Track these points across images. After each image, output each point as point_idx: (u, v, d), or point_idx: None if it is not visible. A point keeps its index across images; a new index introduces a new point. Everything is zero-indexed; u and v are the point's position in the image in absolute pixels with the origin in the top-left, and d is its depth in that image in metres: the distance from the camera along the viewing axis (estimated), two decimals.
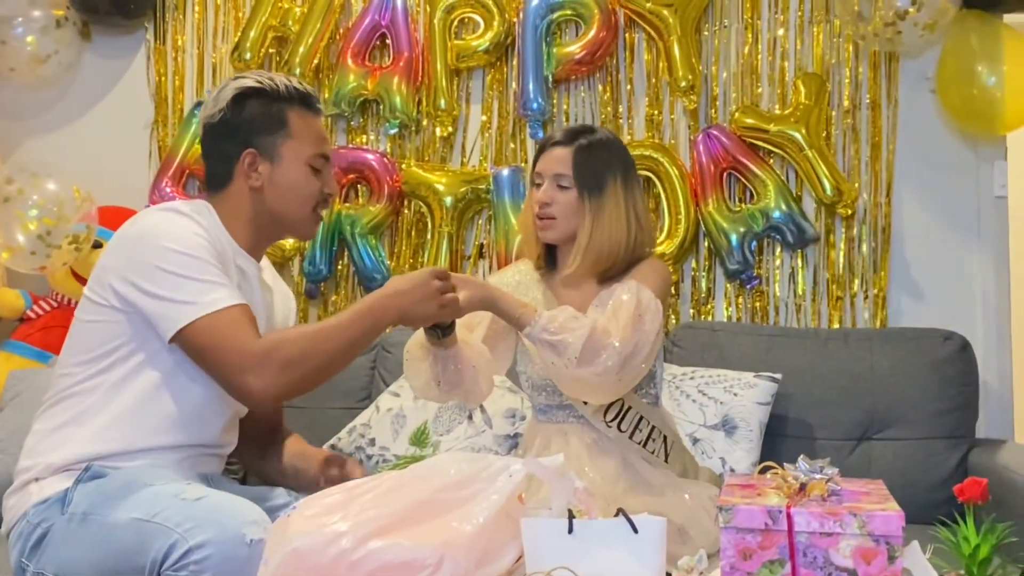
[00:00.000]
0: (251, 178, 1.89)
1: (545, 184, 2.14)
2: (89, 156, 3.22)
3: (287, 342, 1.75)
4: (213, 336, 1.73)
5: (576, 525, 1.46)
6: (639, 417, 2.11)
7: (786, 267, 2.98)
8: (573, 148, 2.13)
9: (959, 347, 2.71)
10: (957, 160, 2.96)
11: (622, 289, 2.06)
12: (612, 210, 2.11)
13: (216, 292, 1.75)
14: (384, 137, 3.14)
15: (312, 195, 1.92)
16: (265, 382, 1.73)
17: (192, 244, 1.77)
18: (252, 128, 1.89)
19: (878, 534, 1.32)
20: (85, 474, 1.75)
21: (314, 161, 1.92)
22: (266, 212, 1.91)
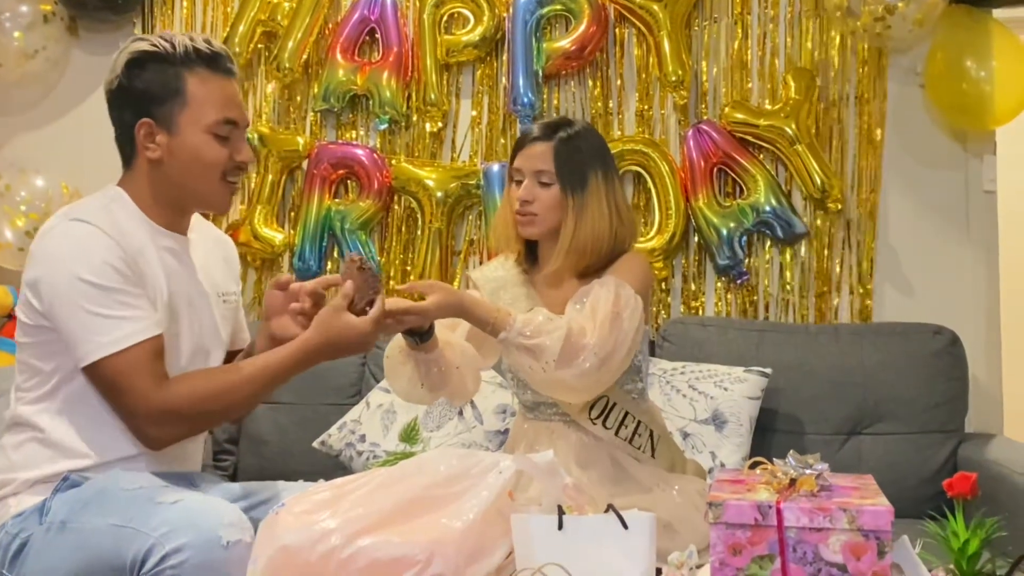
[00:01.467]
0: (149, 149, 1.78)
1: (526, 181, 2.10)
2: (77, 152, 3.20)
3: (189, 397, 1.71)
4: (115, 377, 1.69)
5: (566, 521, 1.46)
6: (624, 413, 2.10)
7: (776, 262, 2.98)
8: (553, 143, 2.09)
9: (948, 342, 2.72)
10: (946, 155, 2.97)
11: (600, 285, 2.03)
12: (594, 205, 2.08)
13: (123, 327, 1.69)
14: (374, 132, 3.13)
15: (216, 164, 1.80)
16: (162, 433, 1.72)
17: (100, 270, 1.69)
18: (147, 96, 1.77)
19: (867, 529, 1.32)
20: (63, 483, 1.73)
21: (217, 128, 1.79)
22: (171, 185, 1.80)
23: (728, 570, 1.35)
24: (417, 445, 2.57)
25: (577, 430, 2.10)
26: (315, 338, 1.76)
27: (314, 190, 3.09)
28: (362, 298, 1.78)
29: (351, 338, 1.76)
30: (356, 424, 2.69)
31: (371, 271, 1.79)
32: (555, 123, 2.15)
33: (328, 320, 1.76)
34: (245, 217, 3.11)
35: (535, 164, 2.09)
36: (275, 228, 3.12)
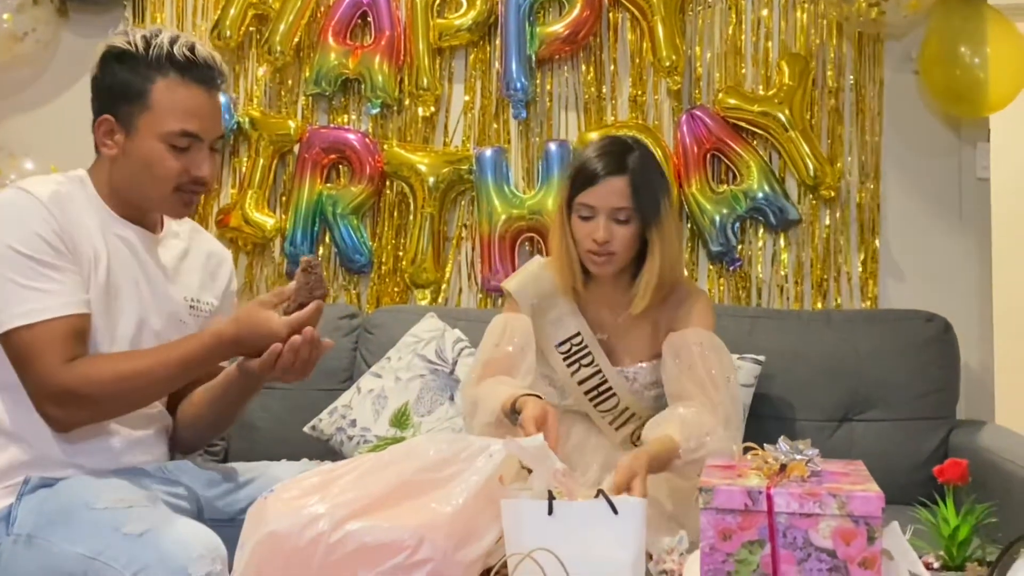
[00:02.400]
0: (106, 145, 1.76)
1: (602, 220, 1.99)
2: (67, 135, 3.16)
3: (95, 379, 1.66)
4: (23, 350, 1.66)
5: (556, 506, 1.45)
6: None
7: (769, 249, 2.97)
8: (628, 177, 1.99)
9: (941, 329, 2.72)
10: (940, 141, 2.96)
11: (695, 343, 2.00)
12: (671, 234, 2.03)
13: (41, 301, 1.65)
14: (366, 117, 3.11)
15: (168, 176, 1.75)
16: (63, 414, 1.68)
17: (29, 240, 1.66)
18: (112, 93, 1.75)
19: (858, 515, 1.32)
20: (26, 487, 1.69)
21: (174, 139, 1.74)
22: (125, 184, 1.78)
23: (718, 555, 1.35)
24: (408, 430, 2.56)
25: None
26: (229, 330, 1.72)
27: (306, 174, 3.07)
28: (296, 299, 1.71)
29: (262, 333, 1.69)
30: (347, 409, 2.68)
31: (316, 276, 1.72)
32: (618, 151, 2.03)
33: (246, 313, 1.71)
34: (236, 201, 3.10)
35: (612, 202, 1.99)
36: (266, 213, 3.11)
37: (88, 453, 1.74)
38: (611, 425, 2.11)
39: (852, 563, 1.32)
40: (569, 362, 2.10)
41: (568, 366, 2.10)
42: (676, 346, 2.02)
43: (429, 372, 2.66)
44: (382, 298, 3.08)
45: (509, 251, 3.01)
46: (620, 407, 2.10)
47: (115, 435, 1.78)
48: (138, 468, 1.79)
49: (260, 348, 1.71)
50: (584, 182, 2.02)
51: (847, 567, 1.32)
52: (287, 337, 1.68)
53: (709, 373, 1.97)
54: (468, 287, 3.08)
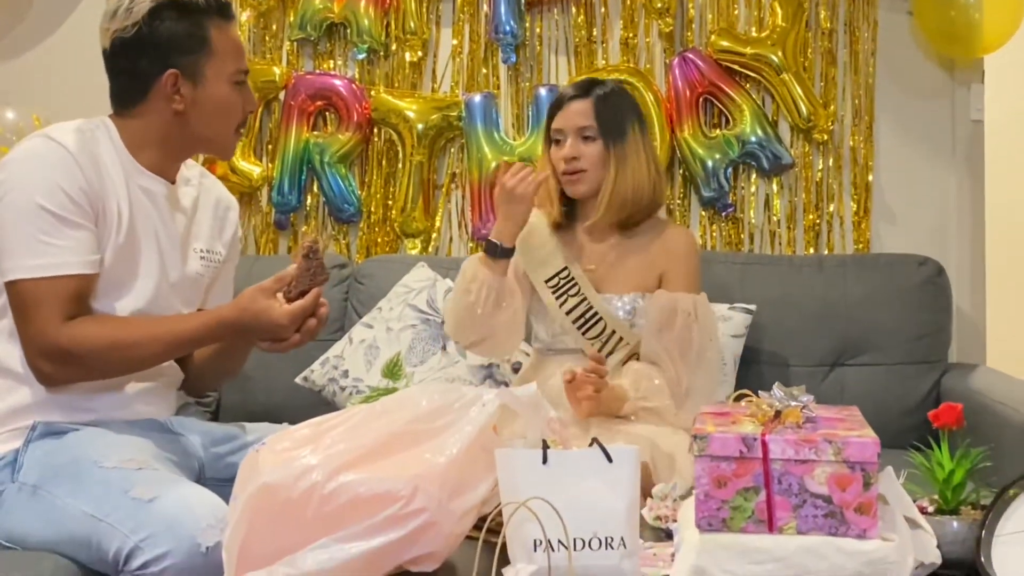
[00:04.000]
0: (174, 101, 1.76)
1: (569, 139, 2.17)
2: (49, 83, 3.12)
3: (89, 342, 1.66)
4: (25, 302, 1.66)
5: (550, 455, 1.44)
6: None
7: (761, 194, 2.95)
8: (592, 99, 2.18)
9: (933, 272, 2.71)
10: (934, 83, 2.93)
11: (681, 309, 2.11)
12: (633, 157, 2.17)
13: (51, 256, 1.65)
14: (352, 63, 3.06)
15: (236, 116, 1.82)
16: (53, 371, 1.68)
17: (51, 194, 1.66)
18: (172, 46, 1.74)
19: (853, 461, 1.31)
20: (33, 434, 1.70)
21: (237, 77, 1.80)
22: (185, 134, 1.79)
23: (713, 502, 1.34)
24: (400, 380, 2.56)
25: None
26: (230, 314, 1.72)
27: (292, 122, 3.02)
28: (297, 286, 1.70)
29: (263, 323, 1.69)
30: (339, 360, 2.66)
31: (318, 261, 1.70)
32: (588, 82, 2.26)
33: (250, 298, 1.70)
34: None
35: (577, 121, 2.17)
36: (252, 161, 3.06)
37: (97, 401, 1.75)
38: (601, 352, 2.17)
39: (848, 509, 1.32)
40: (558, 295, 2.21)
41: (557, 298, 2.20)
42: (662, 306, 2.13)
43: (420, 322, 2.65)
44: (372, 248, 3.05)
45: None
46: (607, 331, 2.18)
47: (125, 384, 1.78)
48: (145, 420, 1.79)
49: (261, 336, 1.72)
50: (554, 109, 2.23)
51: (843, 513, 1.32)
52: (289, 326, 1.69)
53: (683, 341, 2.10)
54: (459, 236, 3.05)
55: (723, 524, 1.34)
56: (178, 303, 1.84)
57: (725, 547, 1.34)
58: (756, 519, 1.34)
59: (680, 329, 2.10)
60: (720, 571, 1.33)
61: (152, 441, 1.74)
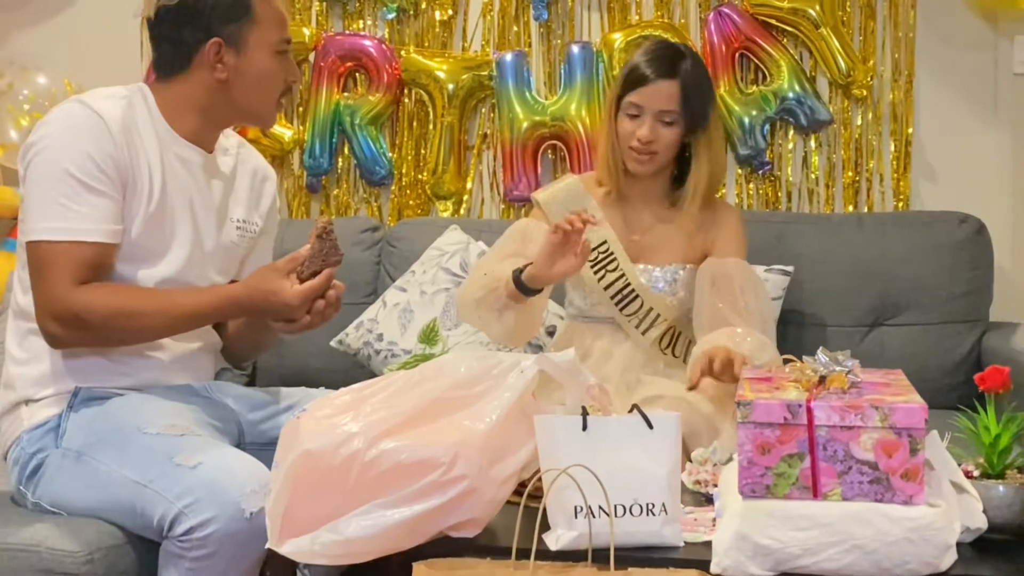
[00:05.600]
0: (216, 69, 1.76)
1: (648, 120, 2.09)
2: (80, 47, 3.12)
3: (99, 308, 1.66)
4: (40, 263, 1.67)
5: (590, 422, 1.44)
6: (690, 340, 2.15)
7: (799, 151, 2.90)
8: (679, 80, 2.09)
9: (974, 230, 2.66)
10: (976, 36, 2.85)
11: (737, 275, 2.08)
12: (717, 143, 2.15)
13: (70, 221, 1.66)
14: (382, 22, 3.03)
15: (278, 85, 1.82)
16: (62, 333, 1.68)
17: (79, 161, 1.67)
18: (215, 14, 1.74)
19: (900, 427, 1.30)
20: (75, 399, 1.72)
21: (279, 46, 1.80)
22: (227, 103, 1.79)
23: (756, 469, 1.33)
24: (436, 345, 2.55)
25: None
26: (242, 292, 1.72)
27: (322, 84, 3.00)
28: (310, 267, 1.68)
29: (274, 303, 1.68)
30: (373, 323, 2.66)
31: (331, 243, 1.68)
32: (670, 55, 2.13)
33: (261, 277, 1.71)
34: None
35: (660, 104, 2.09)
36: (284, 124, 3.05)
37: (135, 364, 1.76)
38: (637, 329, 2.15)
39: (894, 475, 1.30)
40: (596, 268, 2.16)
41: (595, 272, 2.16)
42: (715, 274, 2.09)
43: (454, 286, 2.63)
44: (403, 210, 3.04)
45: (531, 159, 2.95)
46: (644, 308, 2.15)
47: (163, 349, 1.79)
48: (185, 386, 1.80)
49: (272, 316, 1.71)
50: (635, 82, 2.11)
51: (889, 479, 1.30)
52: (300, 307, 1.68)
53: (747, 305, 2.05)
54: (490, 198, 3.03)
55: (767, 490, 1.33)
56: (212, 272, 1.84)
57: (769, 513, 1.33)
58: (800, 485, 1.32)
59: (738, 292, 2.06)
60: (764, 537, 1.32)
61: (193, 406, 1.76)
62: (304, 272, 1.68)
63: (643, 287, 2.14)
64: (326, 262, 1.69)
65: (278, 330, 1.75)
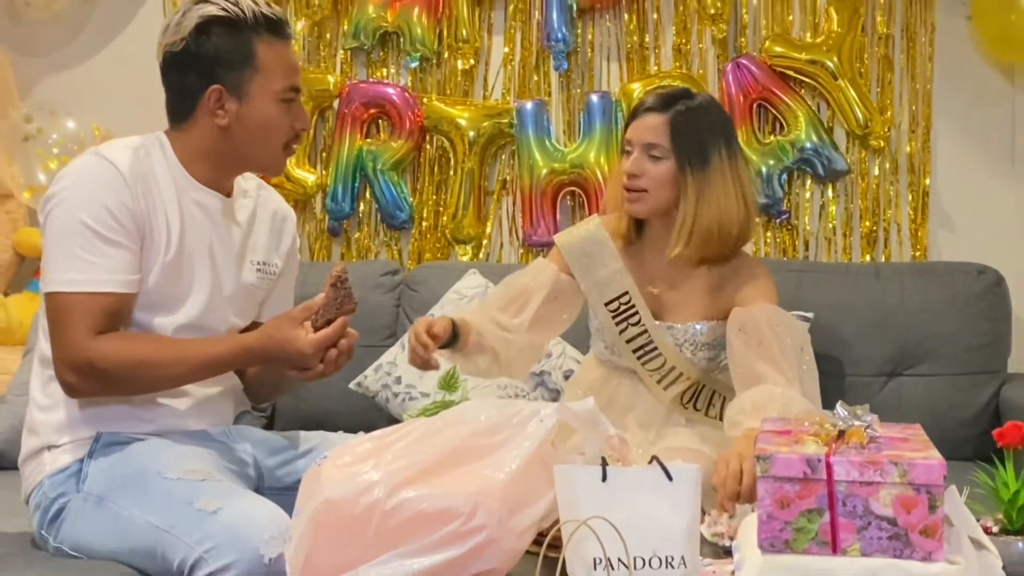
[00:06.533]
0: (217, 116, 1.76)
1: (635, 153, 2.01)
2: (108, 92, 3.18)
3: (116, 358, 1.68)
4: (57, 315, 1.69)
5: (609, 473, 1.44)
6: (712, 392, 2.11)
7: (816, 200, 2.92)
8: (669, 115, 2.00)
9: (993, 281, 2.67)
10: (993, 89, 2.88)
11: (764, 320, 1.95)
12: (720, 185, 1.98)
13: (86, 272, 1.68)
14: (405, 71, 3.08)
15: (283, 132, 1.80)
16: (80, 383, 1.70)
17: (95, 212, 1.69)
18: (217, 62, 1.74)
19: (919, 483, 1.30)
20: (96, 444, 1.73)
21: (285, 95, 1.78)
22: (231, 150, 1.79)
23: (776, 523, 1.34)
24: (456, 392, 2.57)
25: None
26: (257, 341, 1.73)
27: (346, 130, 3.05)
28: (324, 315, 1.68)
29: (289, 352, 1.69)
30: (392, 366, 2.68)
31: (345, 291, 1.69)
32: (673, 94, 2.07)
33: (276, 326, 1.71)
34: None
35: (645, 136, 2.01)
36: (307, 169, 3.09)
37: (158, 411, 1.78)
38: (659, 384, 2.11)
39: (913, 531, 1.30)
40: (617, 320, 2.11)
41: (616, 324, 2.11)
42: (742, 321, 1.98)
43: None
44: (423, 254, 3.07)
45: (550, 205, 2.98)
46: (667, 366, 2.10)
47: (184, 395, 1.80)
48: (205, 431, 1.82)
49: (286, 364, 1.72)
50: (629, 118, 2.08)
51: (908, 535, 1.30)
52: (314, 355, 1.69)
53: (782, 348, 1.93)
54: (509, 242, 3.06)
55: (786, 545, 1.33)
56: (231, 315, 1.86)
57: (788, 568, 1.33)
58: (820, 540, 1.33)
59: (770, 339, 1.92)
60: None
61: (213, 451, 1.77)
62: (319, 320, 1.69)
63: (665, 345, 2.07)
64: (340, 310, 1.70)
65: (293, 377, 1.76)
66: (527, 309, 2.10)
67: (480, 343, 2.04)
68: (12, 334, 2.93)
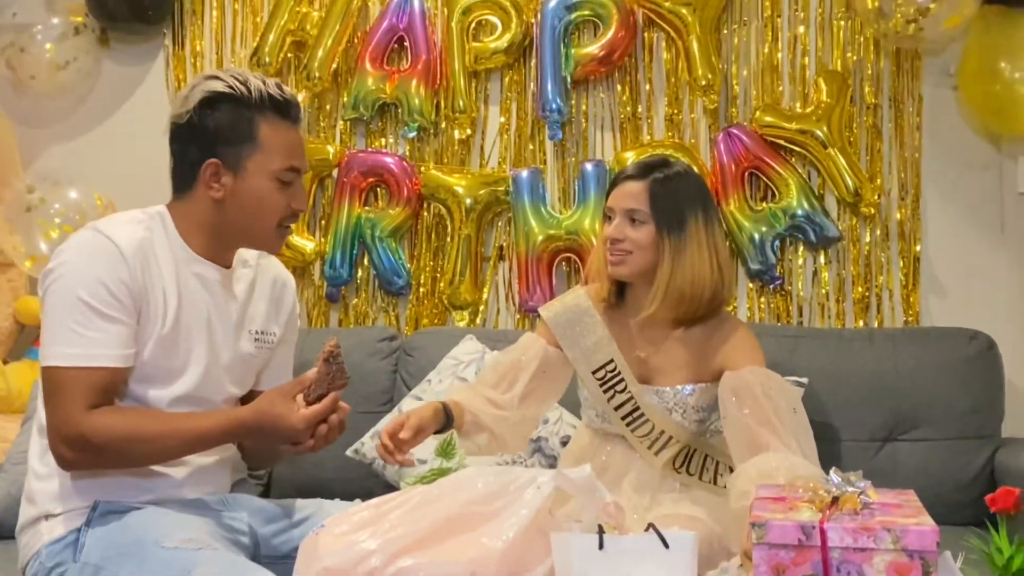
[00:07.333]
0: (212, 188, 1.80)
1: (617, 219, 2.08)
2: (110, 163, 3.23)
3: (109, 433, 1.69)
4: (54, 389, 1.71)
5: (606, 540, 1.45)
6: (704, 456, 2.12)
7: (809, 267, 2.96)
8: (648, 182, 2.07)
9: (985, 346, 2.69)
10: (980, 156, 2.93)
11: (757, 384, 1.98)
12: (694, 249, 2.05)
13: (81, 347, 1.70)
14: (403, 140, 3.13)
15: (276, 211, 1.82)
16: (73, 457, 1.71)
17: (92, 287, 1.72)
18: (218, 136, 1.78)
19: (912, 549, 1.31)
20: (94, 514, 1.74)
21: (282, 175, 1.81)
22: (226, 223, 1.82)
23: None
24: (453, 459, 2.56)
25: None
26: (249, 416, 1.74)
27: (344, 198, 3.10)
28: (316, 390, 1.71)
29: (280, 427, 1.71)
30: None
31: (338, 366, 1.71)
32: (652, 162, 2.15)
33: (269, 401, 1.73)
34: None
35: (627, 203, 2.08)
36: (306, 236, 3.13)
37: (156, 481, 1.79)
38: (650, 450, 2.12)
39: None
40: (605, 388, 2.13)
41: (604, 392, 2.13)
42: (734, 386, 2.00)
43: None
44: (421, 320, 3.09)
45: (546, 271, 3.01)
46: (656, 431, 2.11)
47: (181, 464, 1.81)
48: (202, 499, 1.82)
49: (278, 439, 1.74)
50: (611, 185, 2.15)
51: None
52: (305, 431, 1.70)
53: (776, 411, 1.95)
54: (506, 308, 3.09)
55: None
56: (229, 385, 1.88)
57: None
58: None
59: (764, 403, 1.95)
60: None
61: (210, 520, 1.77)
62: (311, 395, 1.71)
63: (653, 409, 2.10)
64: (332, 385, 1.72)
65: (284, 452, 1.78)
66: (518, 385, 2.13)
67: (476, 422, 2.08)
68: (11, 402, 2.94)
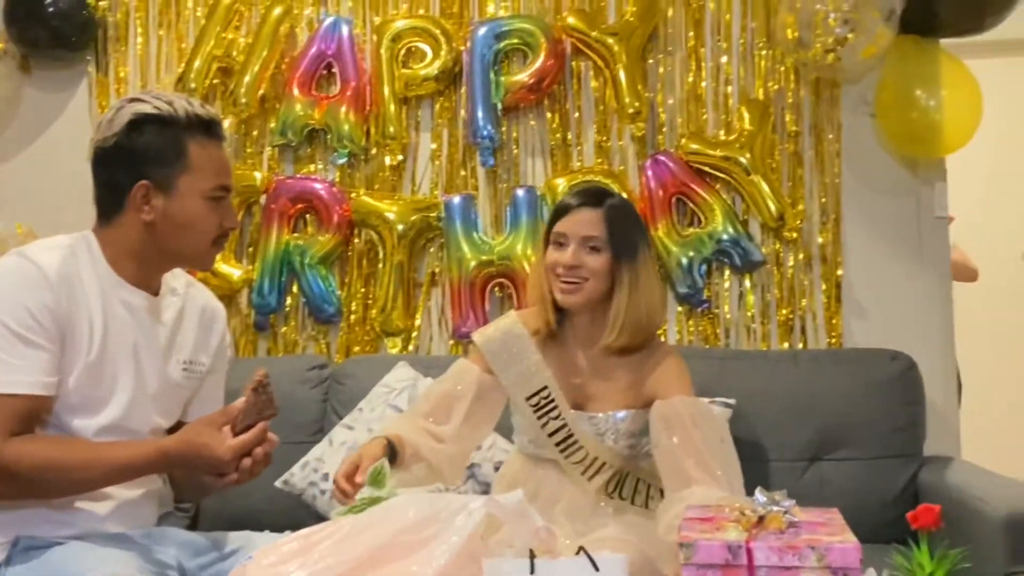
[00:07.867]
0: (143, 211, 1.78)
1: (572, 246, 2.06)
2: (31, 192, 3.17)
3: (28, 460, 1.66)
4: None
5: (538, 565, 1.45)
6: (636, 480, 2.13)
7: (735, 290, 3.01)
8: (604, 210, 2.08)
9: (905, 367, 2.76)
10: (898, 182, 3.02)
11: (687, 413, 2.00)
12: (645, 278, 2.07)
13: (5, 374, 1.67)
14: (332, 166, 3.12)
15: (209, 230, 1.81)
16: None
17: (15, 312, 1.68)
18: (147, 158, 1.77)
19: (836, 566, 1.34)
20: (15, 550, 1.70)
21: (213, 193, 1.80)
22: (157, 246, 1.80)
23: None
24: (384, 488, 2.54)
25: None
26: (174, 445, 1.72)
27: (272, 225, 3.07)
28: (244, 420, 1.69)
29: (206, 457, 1.68)
30: (319, 463, 2.66)
31: (267, 396, 1.69)
32: (600, 191, 2.18)
33: (195, 431, 1.71)
34: None
35: (583, 230, 2.07)
36: (233, 264, 3.10)
37: (79, 515, 1.74)
38: (583, 475, 2.12)
39: None
40: (539, 415, 2.13)
41: (539, 419, 2.13)
42: (665, 414, 2.02)
43: None
44: (352, 347, 3.07)
45: (479, 297, 3.02)
46: (589, 458, 2.11)
47: (105, 498, 1.77)
48: (127, 532, 1.78)
49: (203, 470, 1.71)
50: (561, 212, 2.12)
51: None
52: (232, 461, 1.68)
53: (706, 440, 1.98)
54: (439, 334, 3.09)
55: None
56: (155, 415, 1.84)
57: None
58: None
59: (694, 433, 1.97)
60: None
61: (135, 554, 1.73)
62: (239, 425, 1.69)
63: (585, 436, 2.10)
64: (261, 415, 1.69)
65: (209, 484, 1.74)
66: (455, 415, 2.12)
67: (416, 454, 2.06)
68: None
